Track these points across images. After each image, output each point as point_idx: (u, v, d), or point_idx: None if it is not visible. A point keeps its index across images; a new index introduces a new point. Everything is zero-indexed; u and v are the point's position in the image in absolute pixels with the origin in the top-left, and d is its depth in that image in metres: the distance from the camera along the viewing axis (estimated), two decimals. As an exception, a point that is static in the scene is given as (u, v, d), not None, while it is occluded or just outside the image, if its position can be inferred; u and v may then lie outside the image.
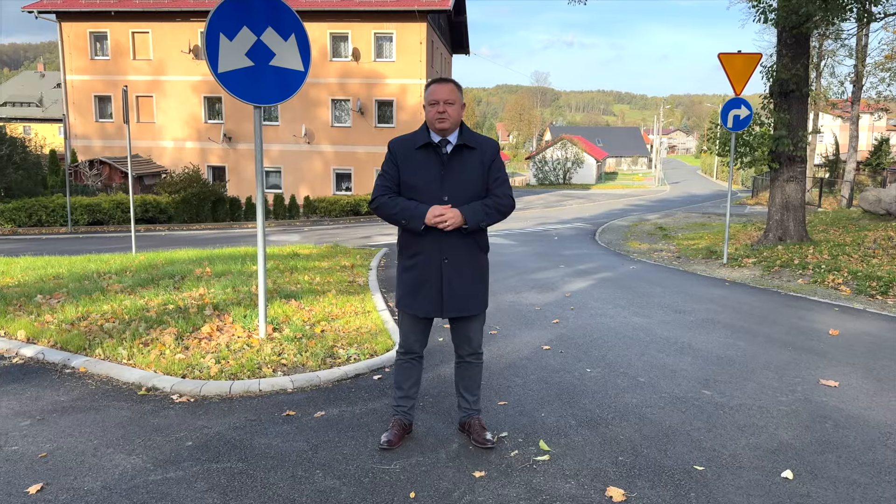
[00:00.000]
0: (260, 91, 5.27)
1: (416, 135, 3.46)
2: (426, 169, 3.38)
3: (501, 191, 3.46)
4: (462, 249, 3.40)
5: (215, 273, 8.66)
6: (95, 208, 21.27)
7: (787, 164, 13.11)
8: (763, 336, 6.23)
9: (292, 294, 7.28)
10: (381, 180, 3.45)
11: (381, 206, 3.39)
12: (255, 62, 5.20)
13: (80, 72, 31.69)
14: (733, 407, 4.25)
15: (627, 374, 4.92)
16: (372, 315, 6.57)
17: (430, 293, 3.39)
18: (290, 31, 5.30)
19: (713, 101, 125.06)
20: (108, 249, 14.33)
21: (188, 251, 12.48)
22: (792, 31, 12.65)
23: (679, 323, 6.76)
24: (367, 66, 30.42)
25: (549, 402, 4.28)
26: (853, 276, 9.49)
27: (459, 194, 3.36)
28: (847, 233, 14.83)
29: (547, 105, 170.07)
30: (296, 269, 9.49)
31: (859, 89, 28.53)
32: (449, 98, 3.36)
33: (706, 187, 53.59)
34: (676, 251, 14.49)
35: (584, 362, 5.21)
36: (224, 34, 5.07)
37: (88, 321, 5.95)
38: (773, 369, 5.10)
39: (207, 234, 20.28)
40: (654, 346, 5.78)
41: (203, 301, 6.75)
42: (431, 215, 3.27)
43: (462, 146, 3.41)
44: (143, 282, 7.94)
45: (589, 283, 9.43)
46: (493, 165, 3.46)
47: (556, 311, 7.32)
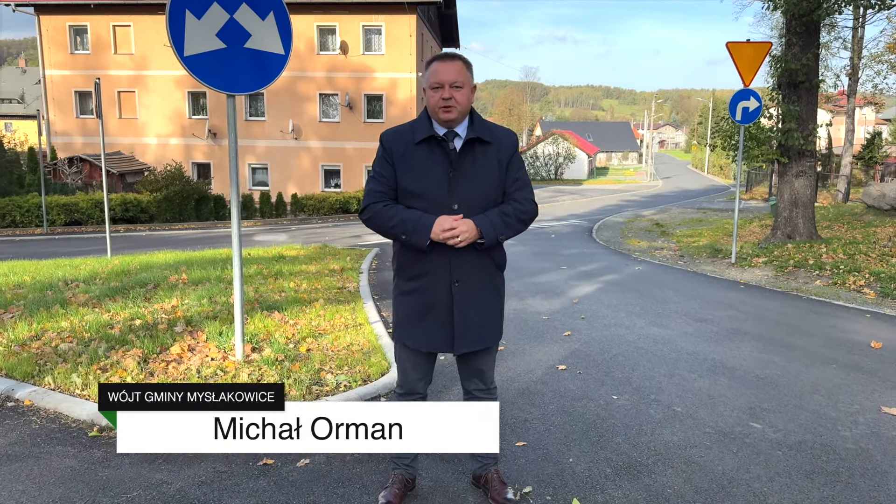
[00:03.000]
0: (234, 77, 4.57)
1: (414, 126, 2.76)
2: (430, 170, 2.69)
3: (522, 195, 2.78)
4: (476, 269, 2.73)
5: (192, 280, 7.95)
6: (73, 208, 20.41)
7: (797, 158, 12.54)
8: (799, 350, 5.61)
9: (275, 305, 6.59)
10: (372, 184, 2.75)
11: (375, 217, 2.70)
12: (227, 44, 4.50)
13: (60, 66, 30.69)
14: (792, 446, 3.62)
15: (660, 401, 4.29)
16: (364, 329, 5.90)
17: (437, 323, 2.72)
18: (268, 8, 4.60)
19: (702, 96, 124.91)
20: (83, 252, 13.55)
21: (166, 254, 11.75)
22: (802, 19, 12.06)
23: (703, 334, 6.13)
24: (356, 59, 29.63)
25: (575, 442, 3.63)
26: (875, 278, 8.92)
27: (472, 201, 2.69)
28: (853, 229, 14.31)
29: (536, 100, 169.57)
30: (281, 274, 8.80)
31: (855, 82, 28.07)
32: (456, 80, 2.67)
33: (698, 182, 53.17)
34: (678, 249, 13.93)
35: (608, 386, 4.57)
36: (191, 11, 4.37)
37: (42, 341, 5.23)
38: (824, 393, 4.48)
39: (190, 234, 19.50)
40: (683, 363, 5.15)
41: (175, 315, 6.05)
42: (440, 229, 2.60)
43: (474, 140, 2.73)
44: (111, 291, 7.22)
45: (596, 286, 8.80)
46: (511, 163, 2.80)
47: (566, 320, 6.68)
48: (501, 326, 2.87)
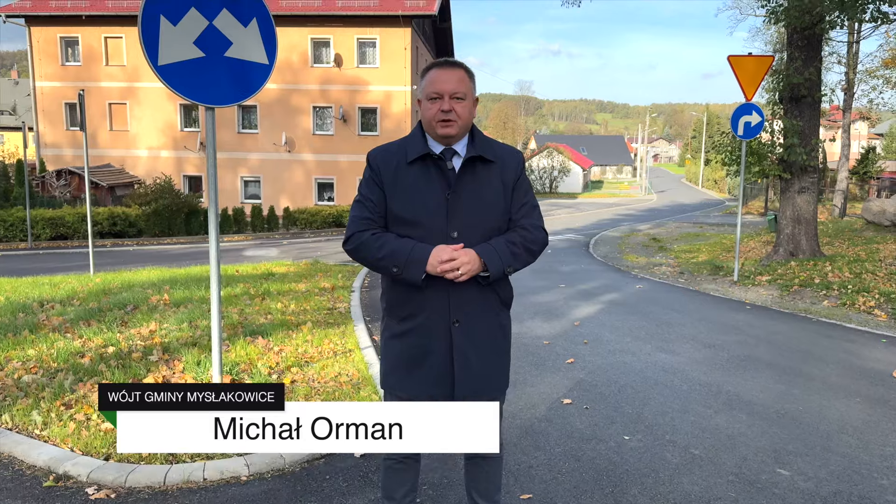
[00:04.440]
0: (213, 88, 4.22)
1: (406, 143, 2.41)
2: (425, 192, 2.34)
3: (530, 221, 2.43)
4: (479, 307, 2.38)
5: (173, 301, 7.56)
6: (58, 222, 19.92)
7: (799, 174, 12.27)
8: (818, 380, 5.26)
9: (260, 329, 6.21)
10: (358, 210, 2.39)
11: (361, 248, 2.34)
12: (206, 52, 4.16)
13: (51, 78, 30.31)
14: (826, 497, 3.26)
15: (675, 442, 3.92)
16: (354, 356, 5.52)
17: (434, 370, 2.35)
18: (250, 14, 4.26)
19: (696, 110, 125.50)
20: (67, 268, 13.13)
21: (151, 271, 11.34)
22: (804, 33, 11.84)
23: (714, 362, 5.78)
24: (350, 72, 29.37)
25: (587, 494, 3.27)
26: (886, 299, 8.60)
27: (474, 228, 2.34)
28: (855, 245, 14.05)
29: (531, 113, 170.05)
30: (268, 293, 8.42)
31: (851, 97, 28.03)
32: (458, 90, 2.32)
33: (693, 196, 53.07)
34: (676, 265, 13.63)
35: (619, 424, 4.20)
36: (166, 16, 4.02)
37: (4, 372, 4.84)
38: (852, 433, 4.13)
39: (178, 248, 19.06)
40: (696, 397, 4.80)
41: (152, 341, 5.66)
42: (437, 261, 2.24)
43: (475, 159, 2.38)
44: (87, 314, 6.82)
45: (597, 307, 8.45)
46: (518, 186, 2.45)
47: (568, 346, 6.32)
48: (508, 374, 2.51)
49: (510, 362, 2.54)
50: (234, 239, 22.16)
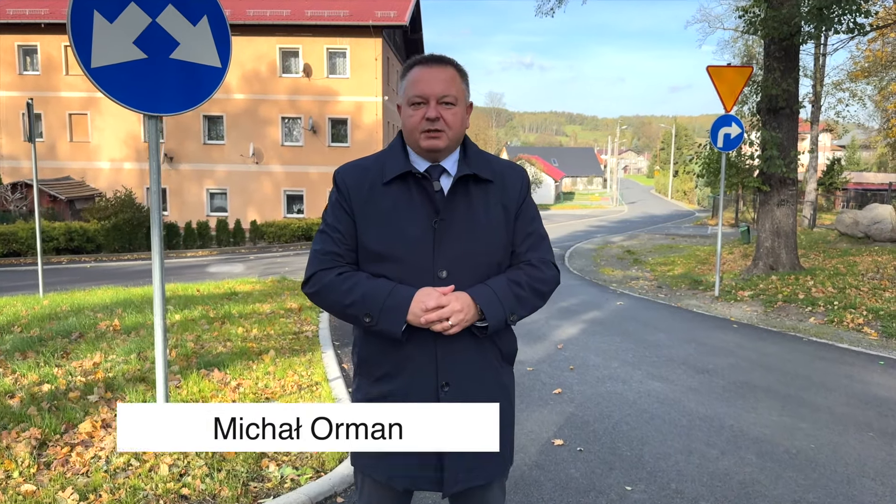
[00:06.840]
0: (157, 94, 3.71)
1: (383, 159, 1.91)
2: (406, 220, 1.84)
3: (538, 256, 1.94)
4: (475, 366, 1.89)
5: (124, 327, 6.94)
6: (11, 237, 18.92)
7: (779, 186, 12.08)
8: (824, 410, 4.90)
9: (216, 360, 5.64)
10: (321, 242, 1.90)
11: (325, 291, 1.85)
12: (148, 54, 3.65)
13: (8, 87, 29.17)
14: (864, 563, 2.86)
15: (683, 493, 3.49)
16: (321, 391, 5.00)
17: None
18: (200, 11, 3.76)
19: (663, 122, 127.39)
20: (16, 288, 12.34)
21: (106, 291, 10.65)
22: (782, 44, 11.69)
23: (710, 390, 5.39)
24: (320, 82, 28.81)
25: (591, 566, 2.81)
26: (875, 316, 8.35)
27: (467, 266, 1.85)
28: (831, 258, 13.94)
29: (501, 125, 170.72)
30: (229, 317, 7.84)
31: (818, 109, 28.37)
32: (447, 93, 1.83)
33: (663, 207, 53.43)
34: (653, 279, 13.37)
35: (618, 471, 3.76)
36: (100, 12, 3.51)
37: (-84, 418, 4.22)
38: (872, 475, 3.75)
39: (138, 265, 18.24)
40: (698, 434, 4.38)
41: (94, 376, 5.07)
42: (421, 308, 1.76)
43: (468, 178, 1.89)
44: (26, 344, 6.18)
45: (579, 327, 8.05)
46: (522, 211, 1.95)
47: (553, 373, 5.88)
48: (512, 449, 2.04)
49: (514, 435, 2.06)
50: (199, 254, 21.37)
